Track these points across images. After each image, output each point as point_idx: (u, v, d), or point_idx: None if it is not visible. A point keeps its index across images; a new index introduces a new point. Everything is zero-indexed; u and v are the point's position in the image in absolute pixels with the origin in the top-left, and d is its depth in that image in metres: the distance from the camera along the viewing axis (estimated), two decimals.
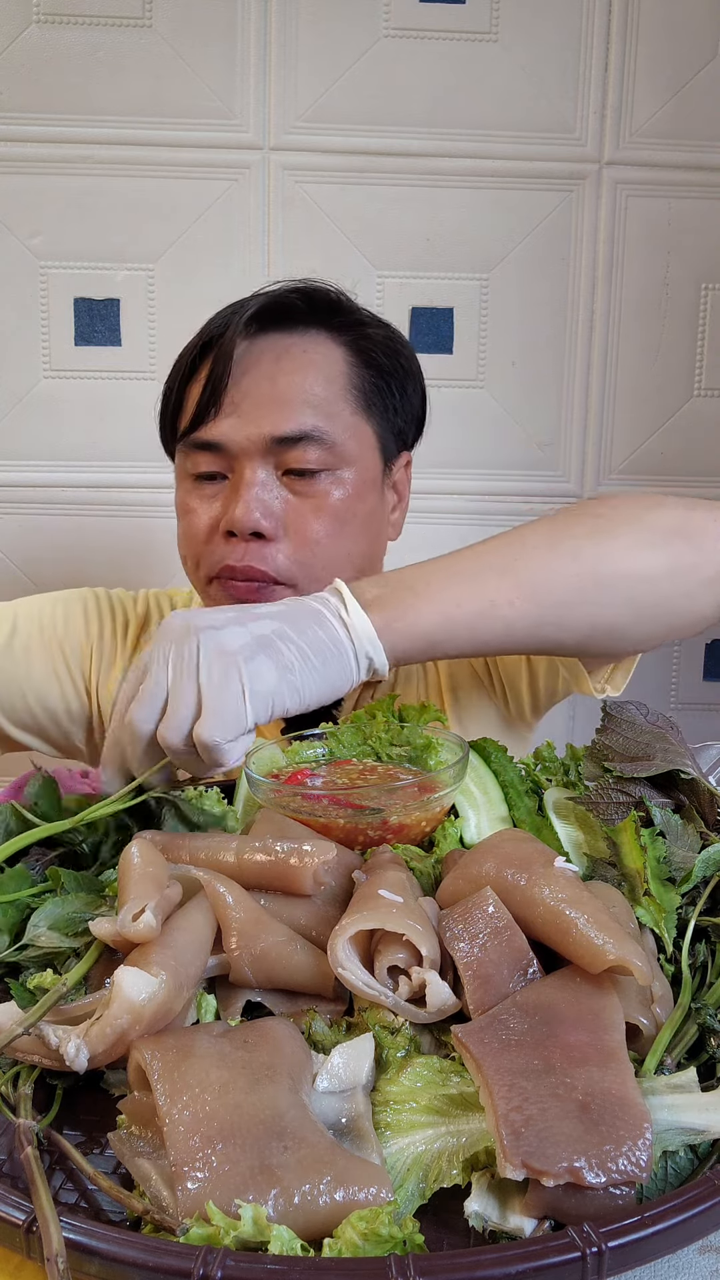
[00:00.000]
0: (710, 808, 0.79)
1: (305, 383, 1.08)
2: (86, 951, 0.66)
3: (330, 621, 0.81)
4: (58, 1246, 0.45)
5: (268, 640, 0.78)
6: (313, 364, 1.09)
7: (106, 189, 1.64)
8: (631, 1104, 0.51)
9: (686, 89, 1.68)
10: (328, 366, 1.10)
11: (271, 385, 1.06)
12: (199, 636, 0.77)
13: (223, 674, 0.75)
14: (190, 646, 0.77)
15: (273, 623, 0.80)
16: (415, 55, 1.65)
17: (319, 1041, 0.61)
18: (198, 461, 1.09)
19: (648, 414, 1.78)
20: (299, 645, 0.79)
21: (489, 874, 0.67)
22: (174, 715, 0.76)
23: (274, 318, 1.08)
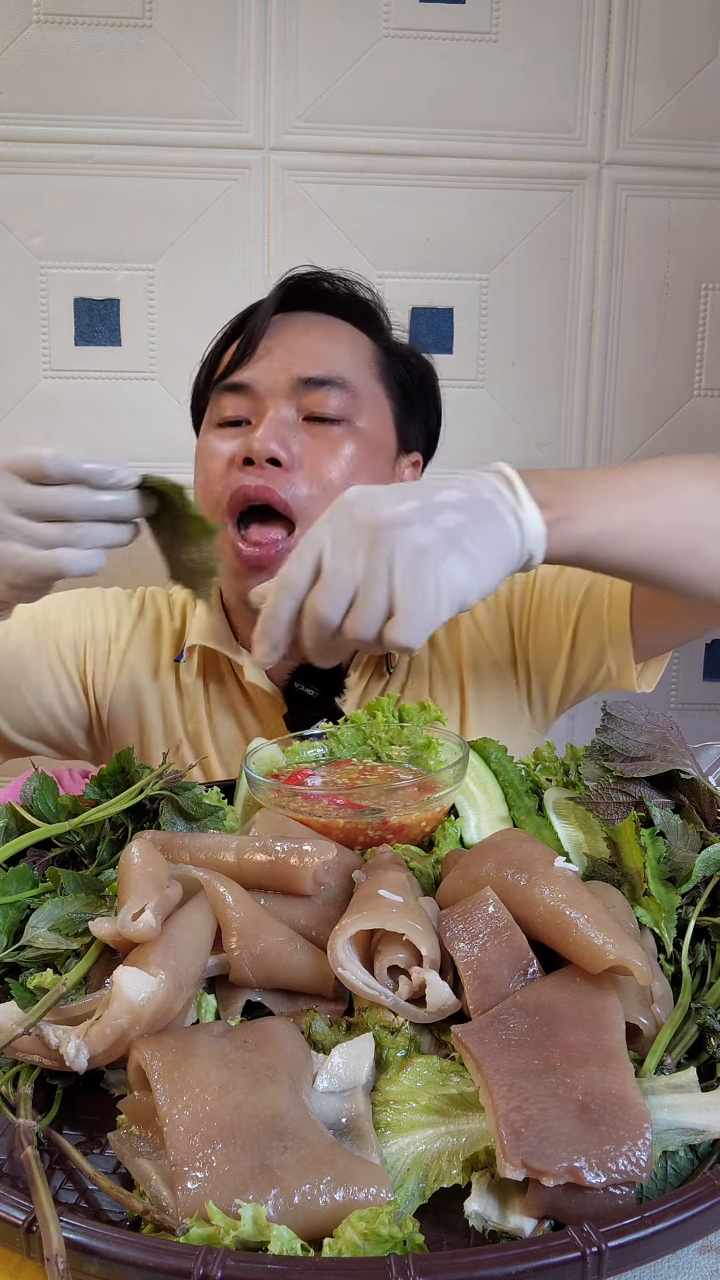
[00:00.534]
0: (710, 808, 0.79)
1: (335, 344, 1.17)
2: (86, 952, 0.66)
3: (504, 515, 0.79)
4: (58, 1246, 0.45)
5: (455, 536, 0.75)
6: (343, 336, 1.18)
7: (106, 189, 1.64)
8: (631, 1104, 0.51)
9: (686, 89, 1.68)
10: (355, 342, 1.19)
11: (305, 337, 1.15)
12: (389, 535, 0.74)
13: (417, 576, 0.73)
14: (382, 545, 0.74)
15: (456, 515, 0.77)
16: (415, 55, 1.64)
17: (319, 1041, 0.61)
18: (225, 406, 1.14)
19: (648, 414, 1.78)
20: (480, 540, 0.77)
21: (489, 874, 0.67)
22: (366, 614, 0.74)
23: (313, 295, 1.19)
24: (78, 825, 0.79)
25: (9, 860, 0.78)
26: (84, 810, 0.82)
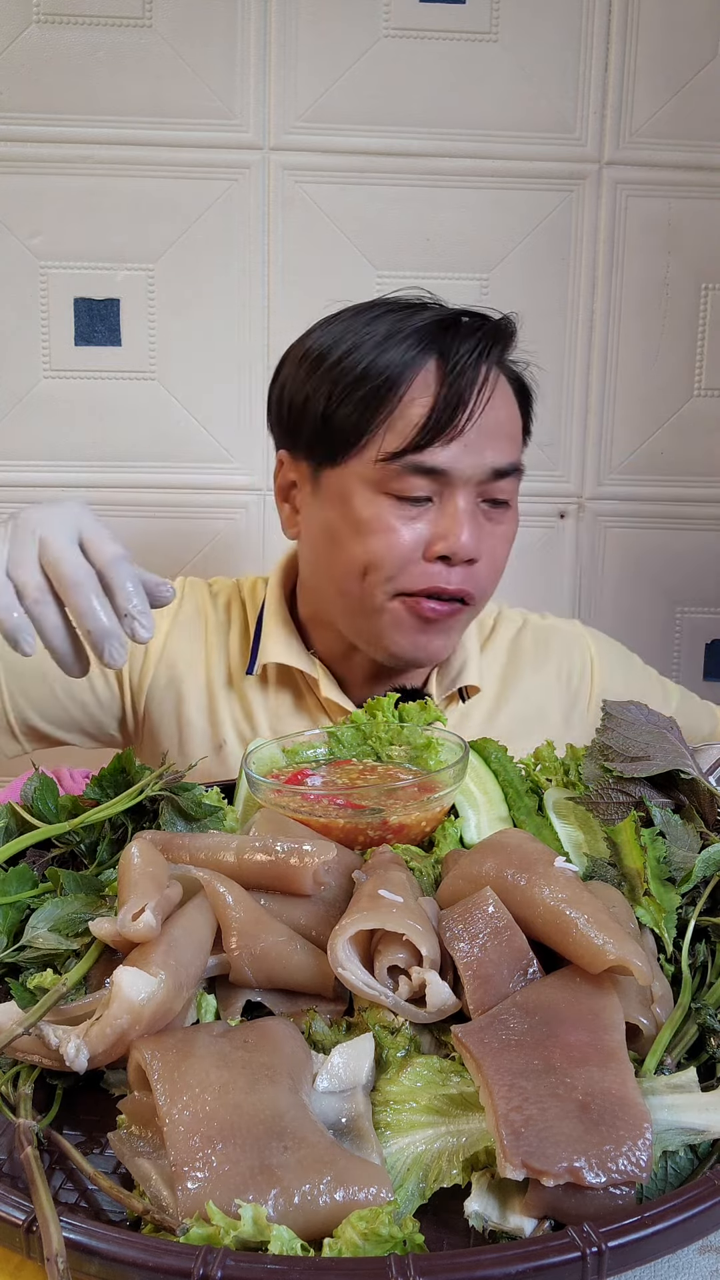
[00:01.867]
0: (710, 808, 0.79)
1: (511, 417, 1.12)
2: (86, 952, 0.66)
3: None
4: (58, 1246, 0.45)
5: None
6: (510, 400, 1.13)
7: (106, 189, 1.64)
8: (631, 1104, 0.51)
9: (686, 89, 1.68)
10: (514, 405, 1.14)
11: (494, 416, 1.08)
12: None
13: None
14: None
15: None
16: (415, 55, 1.64)
17: (319, 1041, 0.61)
18: (410, 485, 1.07)
19: (648, 414, 1.78)
20: None
21: (489, 874, 0.67)
22: None
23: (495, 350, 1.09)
24: (78, 825, 0.79)
25: (9, 860, 0.78)
26: (84, 810, 0.82)
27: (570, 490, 1.79)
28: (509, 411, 1.12)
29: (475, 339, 1.07)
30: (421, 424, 1.05)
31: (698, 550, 1.82)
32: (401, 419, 1.06)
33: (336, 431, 1.09)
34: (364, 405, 1.07)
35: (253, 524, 1.75)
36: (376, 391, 1.06)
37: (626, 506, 1.80)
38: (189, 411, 1.71)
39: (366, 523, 1.08)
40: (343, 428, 1.09)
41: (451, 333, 1.08)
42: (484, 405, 1.07)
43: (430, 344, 1.07)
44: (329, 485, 1.12)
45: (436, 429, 1.05)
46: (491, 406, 1.08)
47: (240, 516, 1.75)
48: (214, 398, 1.71)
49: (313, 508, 1.16)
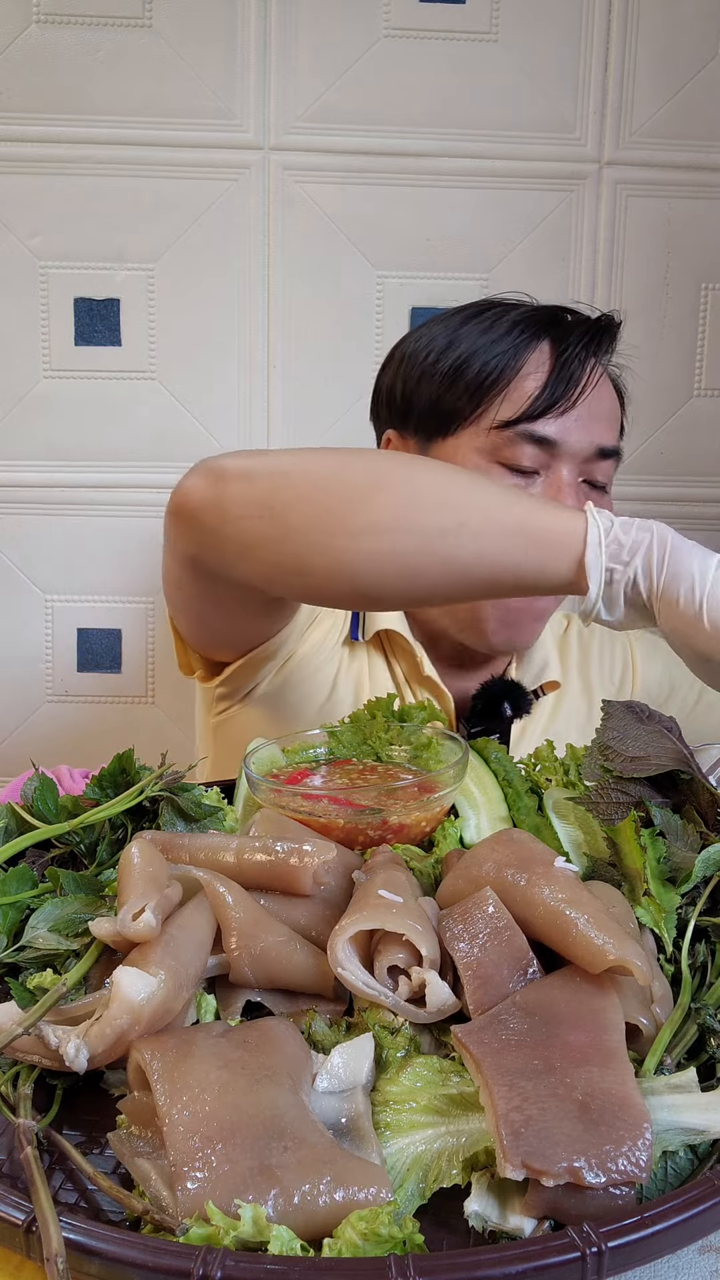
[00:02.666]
0: (710, 808, 0.79)
1: (613, 405, 1.20)
2: (86, 952, 0.66)
3: None
4: (58, 1246, 0.45)
5: None
6: (612, 391, 1.21)
7: (106, 189, 1.64)
8: (631, 1104, 0.51)
9: (686, 89, 1.68)
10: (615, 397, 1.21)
11: (600, 401, 1.16)
12: None
13: None
14: None
15: None
16: (415, 55, 1.64)
17: (319, 1041, 0.61)
18: (522, 453, 1.12)
19: (648, 414, 1.78)
20: None
21: (489, 874, 0.67)
22: None
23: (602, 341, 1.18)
24: (78, 825, 0.79)
25: (9, 860, 0.78)
26: (84, 810, 0.82)
27: None
28: (612, 402, 1.20)
29: (584, 329, 1.16)
30: (536, 394, 1.12)
31: None
32: (518, 390, 1.13)
33: (451, 407, 1.15)
34: (480, 383, 1.13)
35: None
36: (495, 369, 1.13)
37: (627, 506, 1.79)
38: (189, 411, 1.71)
39: None
40: (458, 404, 1.14)
41: (560, 323, 1.17)
42: (594, 385, 1.14)
43: (541, 330, 1.15)
44: (439, 456, 1.17)
45: (551, 400, 1.12)
46: (598, 392, 1.16)
47: None
48: (214, 398, 1.71)
49: None
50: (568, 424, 1.13)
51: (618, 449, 1.18)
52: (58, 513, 1.73)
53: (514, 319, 1.15)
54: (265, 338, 1.70)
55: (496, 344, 1.14)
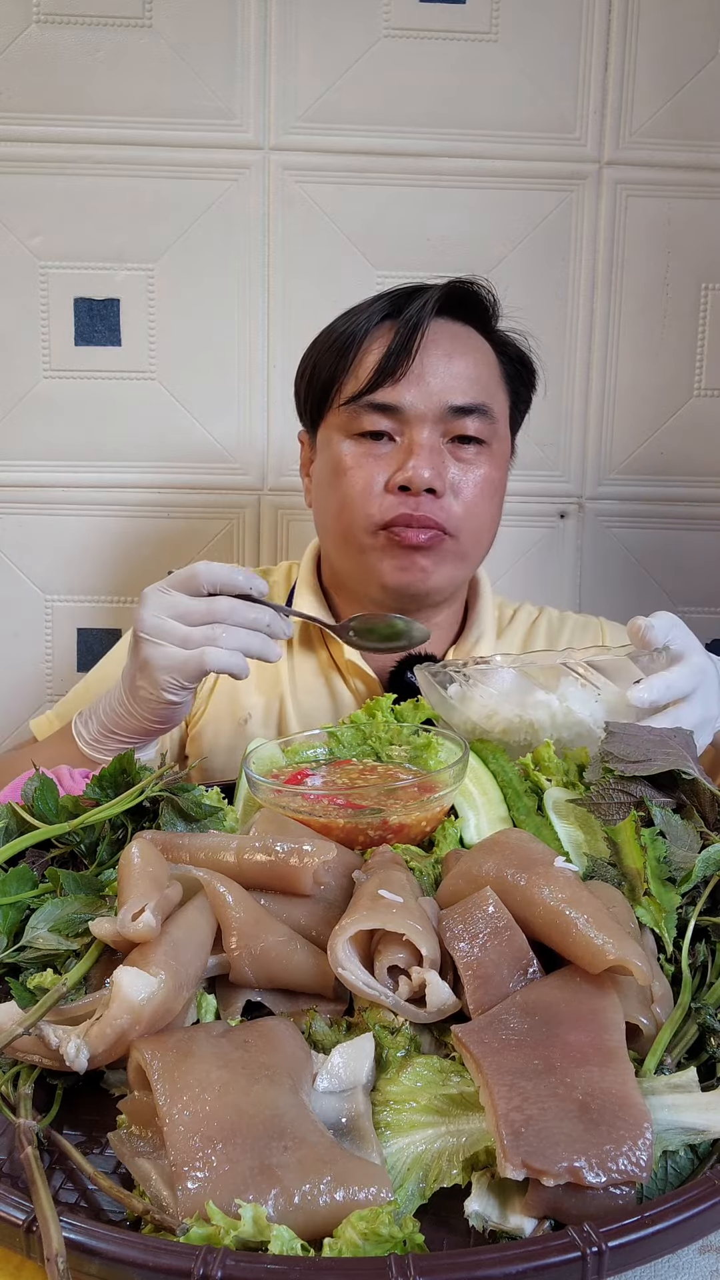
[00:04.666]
0: (710, 807, 0.79)
1: (475, 364, 1.22)
2: (86, 952, 0.66)
3: None
4: (58, 1246, 0.45)
5: None
6: (478, 350, 1.24)
7: (106, 189, 1.64)
8: (631, 1104, 0.51)
9: (686, 89, 1.68)
10: (486, 355, 1.25)
11: (449, 362, 1.20)
12: None
13: None
14: None
15: None
16: (415, 55, 1.64)
17: (319, 1041, 0.61)
18: (370, 421, 1.19)
19: (648, 414, 1.78)
20: None
21: (489, 874, 0.67)
22: None
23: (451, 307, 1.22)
24: (78, 826, 0.79)
25: (9, 861, 0.78)
26: (84, 811, 0.82)
27: (570, 490, 1.79)
28: (472, 359, 1.22)
29: (425, 297, 1.20)
30: (375, 368, 1.19)
31: (698, 550, 1.82)
32: (360, 366, 1.21)
33: (317, 388, 1.25)
34: (333, 360, 1.22)
35: (252, 524, 1.75)
36: (341, 349, 1.22)
37: (626, 506, 1.80)
38: (189, 411, 1.71)
39: (339, 463, 1.21)
40: (320, 384, 1.24)
41: (410, 295, 1.22)
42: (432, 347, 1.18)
43: (388, 306, 1.22)
44: (319, 442, 1.27)
45: (385, 370, 1.18)
46: (446, 353, 1.20)
47: (240, 516, 1.75)
48: (214, 398, 1.71)
49: (315, 469, 1.29)
50: (408, 389, 1.18)
51: (476, 406, 1.20)
52: (58, 513, 1.73)
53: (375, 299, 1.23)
54: (265, 338, 1.70)
55: (351, 321, 1.22)
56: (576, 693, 0.93)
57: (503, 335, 1.28)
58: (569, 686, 0.94)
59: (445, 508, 1.18)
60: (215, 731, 1.29)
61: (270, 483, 1.74)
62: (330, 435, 1.23)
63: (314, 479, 1.29)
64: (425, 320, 1.18)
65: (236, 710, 1.28)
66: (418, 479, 1.15)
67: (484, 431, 1.21)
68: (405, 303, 1.20)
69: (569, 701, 0.92)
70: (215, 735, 1.29)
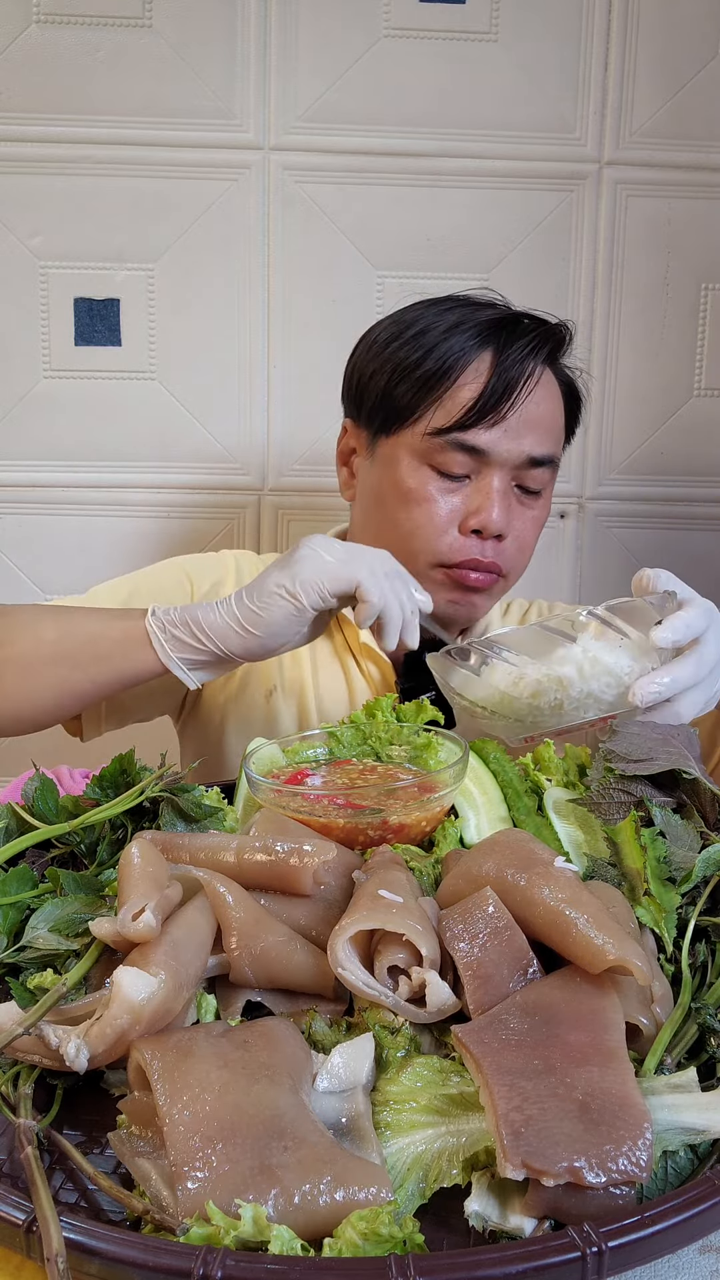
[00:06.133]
0: (711, 807, 0.79)
1: (553, 413, 1.22)
2: (86, 952, 0.66)
3: None
4: (58, 1246, 0.45)
5: None
6: (555, 398, 1.23)
7: (106, 189, 1.64)
8: (631, 1104, 0.51)
9: (686, 89, 1.68)
10: (558, 403, 1.24)
11: (536, 408, 1.19)
12: None
13: None
14: None
15: None
16: (415, 55, 1.64)
17: (319, 1041, 0.61)
18: (452, 460, 1.18)
19: (648, 414, 1.78)
20: None
21: (489, 874, 0.67)
22: None
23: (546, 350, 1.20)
24: (78, 826, 0.79)
25: (9, 861, 0.78)
26: (84, 811, 0.82)
27: (570, 490, 1.79)
28: (553, 407, 1.22)
29: (530, 337, 1.18)
30: (469, 406, 1.16)
31: (698, 550, 1.82)
32: (452, 399, 1.17)
33: (395, 404, 1.20)
34: (422, 383, 1.18)
35: (252, 524, 1.75)
36: (435, 373, 1.17)
37: (626, 506, 1.80)
38: (189, 411, 1.71)
39: (411, 491, 1.19)
40: (401, 401, 1.20)
41: (509, 330, 1.19)
42: (528, 397, 1.17)
43: (489, 337, 1.18)
44: (382, 453, 1.23)
45: (482, 412, 1.16)
46: (535, 400, 1.18)
47: (240, 516, 1.75)
48: (214, 398, 1.71)
49: (367, 473, 1.27)
50: (498, 434, 1.17)
51: (551, 458, 1.21)
52: (58, 513, 1.73)
53: (470, 323, 1.19)
54: (265, 338, 1.70)
55: (443, 346, 1.18)
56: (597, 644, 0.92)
57: (566, 372, 1.26)
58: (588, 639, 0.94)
59: (504, 550, 1.20)
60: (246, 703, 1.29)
61: (270, 483, 1.74)
62: (399, 454, 1.21)
63: (368, 486, 1.26)
64: (529, 366, 1.17)
65: (265, 681, 1.28)
66: (493, 526, 1.17)
67: (546, 480, 1.23)
68: (506, 338, 1.18)
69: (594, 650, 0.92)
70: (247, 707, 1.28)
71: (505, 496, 1.18)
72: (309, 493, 1.74)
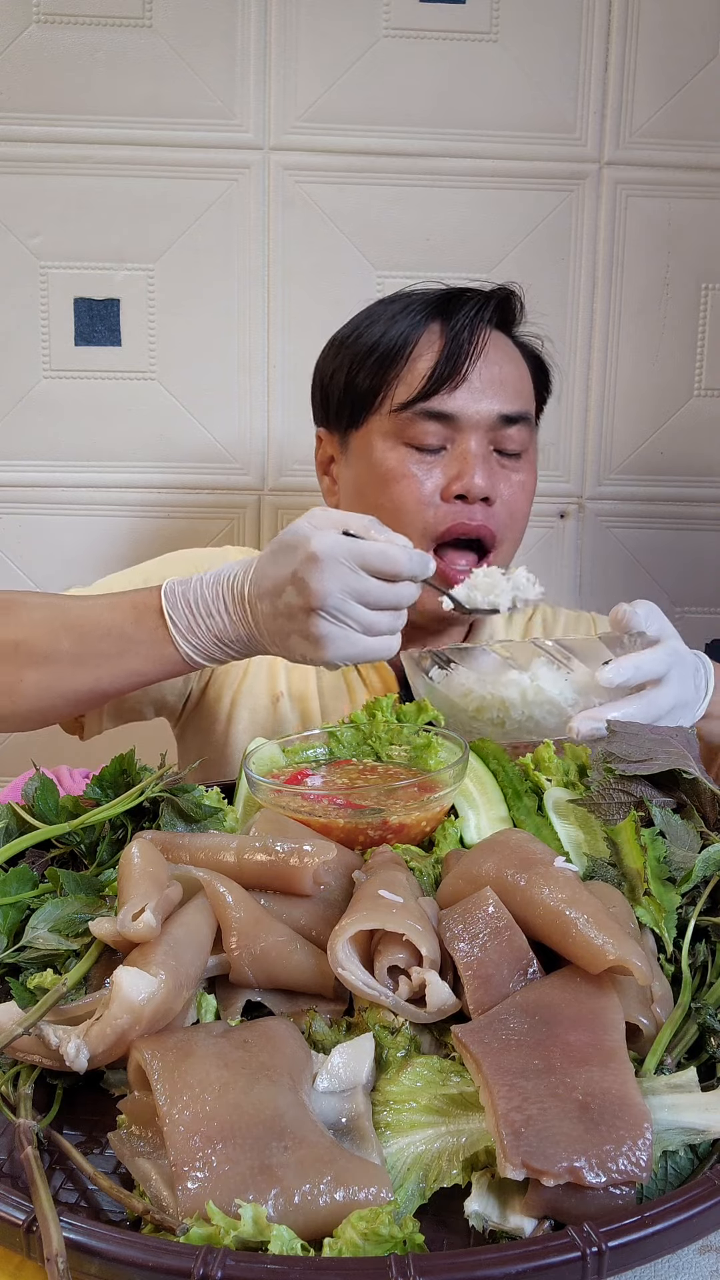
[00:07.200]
0: (711, 807, 0.79)
1: (517, 374, 1.24)
2: (86, 952, 0.66)
3: None
4: (58, 1246, 0.45)
5: None
6: (517, 358, 1.25)
7: (106, 189, 1.64)
8: (631, 1104, 0.51)
9: (686, 89, 1.68)
10: (521, 366, 1.26)
11: (498, 369, 1.21)
12: None
13: None
14: None
15: None
16: (415, 55, 1.64)
17: (319, 1041, 0.61)
18: (424, 430, 1.19)
19: (648, 414, 1.78)
20: None
21: (489, 874, 0.67)
22: None
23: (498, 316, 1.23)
24: (78, 826, 0.79)
25: (9, 861, 0.78)
26: (84, 811, 0.82)
27: (570, 490, 1.79)
28: (515, 370, 1.23)
29: (473, 304, 1.20)
30: (428, 374, 1.18)
31: (698, 550, 1.82)
32: (411, 372, 1.19)
33: (357, 394, 1.22)
34: (378, 366, 1.20)
35: (252, 524, 1.75)
36: (388, 353, 1.20)
37: (626, 506, 1.80)
38: (189, 411, 1.71)
39: (389, 471, 1.20)
40: (362, 387, 1.22)
41: (453, 300, 1.22)
42: (483, 356, 1.19)
43: (434, 311, 1.21)
44: (355, 446, 1.25)
45: (442, 378, 1.17)
46: (493, 361, 1.20)
47: (240, 516, 1.75)
48: (214, 398, 1.71)
49: (345, 471, 1.28)
50: (464, 397, 1.18)
51: (524, 414, 1.22)
52: (58, 513, 1.73)
53: (411, 303, 1.22)
54: (265, 338, 1.70)
55: (393, 328, 1.21)
56: (547, 672, 0.96)
57: (524, 341, 1.28)
58: (541, 666, 0.97)
59: (494, 515, 1.20)
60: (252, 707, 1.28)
61: (270, 483, 1.74)
62: (372, 441, 1.22)
63: (348, 483, 1.27)
64: (480, 328, 1.19)
65: (272, 686, 1.28)
66: (475, 489, 1.17)
67: (525, 440, 1.23)
68: (452, 308, 1.20)
69: (539, 680, 0.95)
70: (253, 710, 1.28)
71: (485, 461, 1.19)
72: (309, 493, 1.74)
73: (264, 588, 0.92)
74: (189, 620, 0.96)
